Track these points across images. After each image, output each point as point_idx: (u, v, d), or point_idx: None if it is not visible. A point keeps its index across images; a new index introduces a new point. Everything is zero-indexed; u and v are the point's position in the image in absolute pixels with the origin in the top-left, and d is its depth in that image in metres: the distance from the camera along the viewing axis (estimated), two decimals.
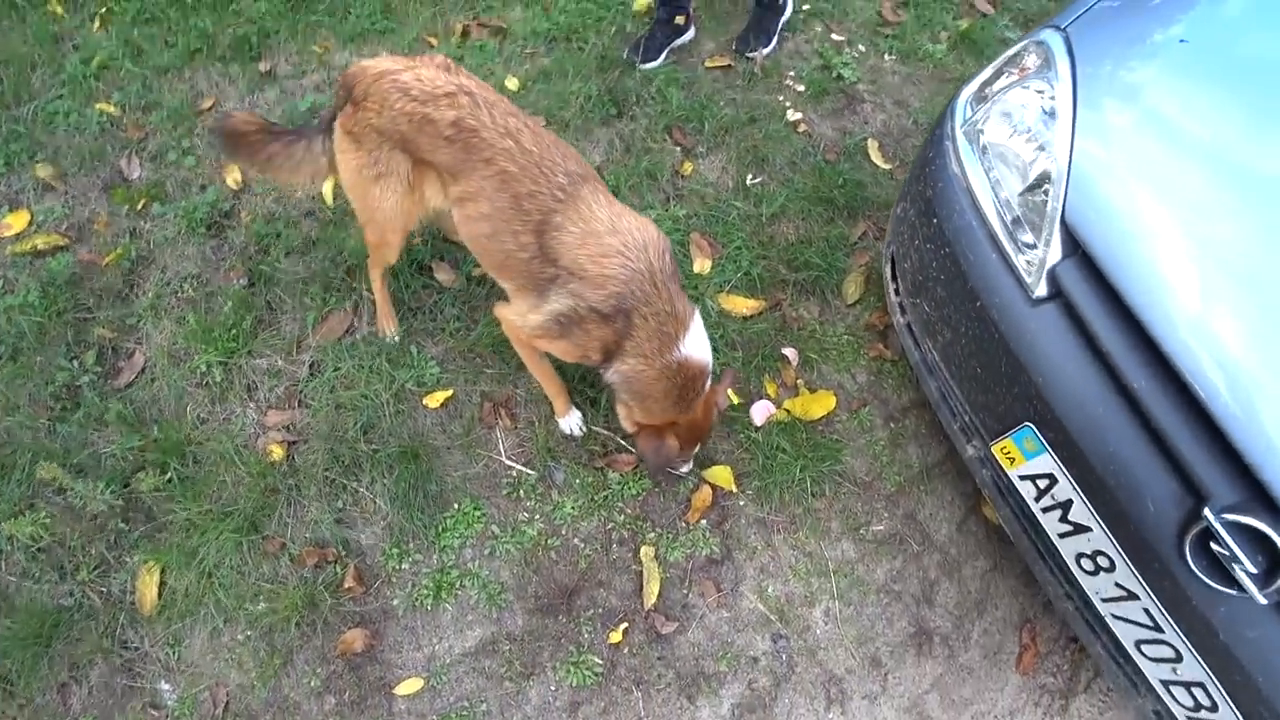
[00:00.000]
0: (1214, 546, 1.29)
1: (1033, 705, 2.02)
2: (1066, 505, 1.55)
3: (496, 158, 1.68)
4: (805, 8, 3.08)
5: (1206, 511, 1.28)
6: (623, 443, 2.21)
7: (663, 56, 2.82)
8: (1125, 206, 1.46)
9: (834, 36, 3.01)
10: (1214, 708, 1.43)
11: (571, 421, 2.19)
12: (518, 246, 1.73)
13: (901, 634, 2.07)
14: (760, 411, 2.25)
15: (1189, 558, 1.32)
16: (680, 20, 2.78)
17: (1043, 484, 1.59)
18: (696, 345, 1.79)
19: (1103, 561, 1.53)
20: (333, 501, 2.09)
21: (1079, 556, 1.58)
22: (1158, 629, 1.47)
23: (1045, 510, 1.62)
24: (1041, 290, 1.53)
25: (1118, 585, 1.51)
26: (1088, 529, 1.52)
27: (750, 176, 2.63)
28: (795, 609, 2.07)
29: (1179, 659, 1.46)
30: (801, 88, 2.85)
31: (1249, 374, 1.30)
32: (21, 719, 1.88)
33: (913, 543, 2.16)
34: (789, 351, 2.36)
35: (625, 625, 2.02)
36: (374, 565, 2.06)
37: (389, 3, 2.89)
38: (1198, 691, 1.45)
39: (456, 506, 2.12)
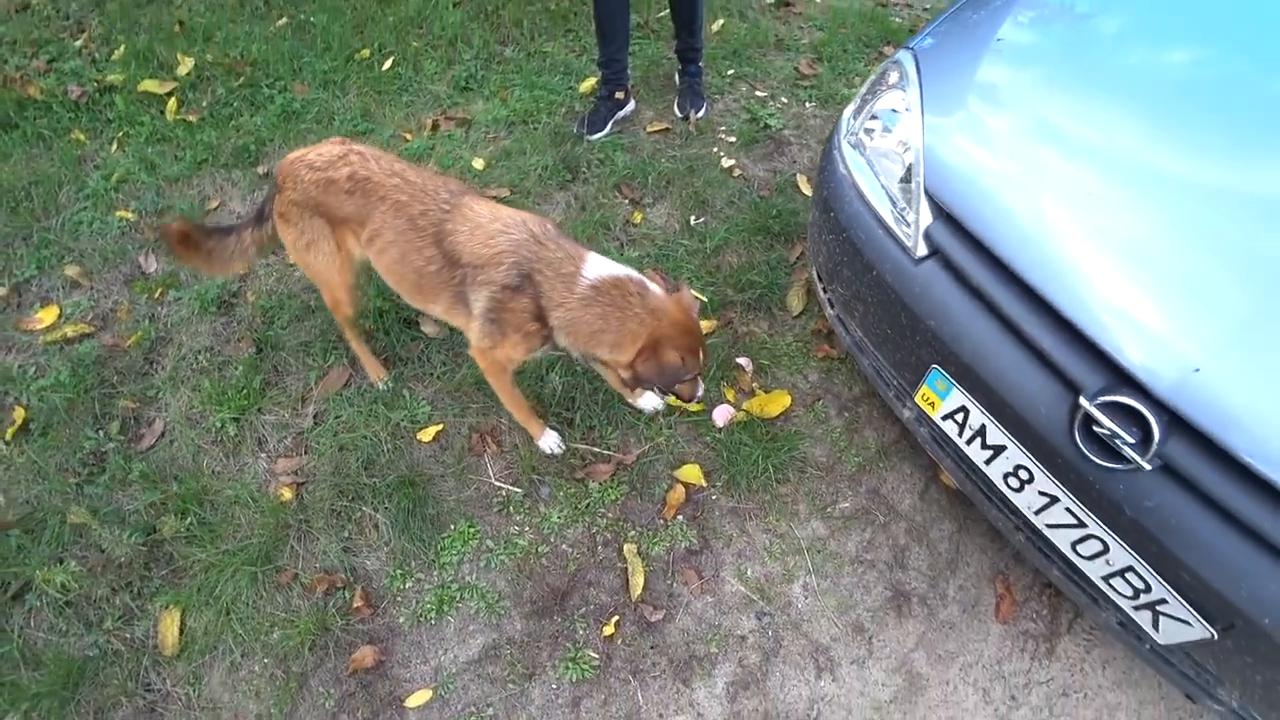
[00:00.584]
0: (1098, 430, 1.49)
1: (1018, 651, 2.12)
2: (982, 431, 1.75)
3: (389, 194, 1.99)
4: (730, 72, 3.53)
5: (1082, 400, 1.49)
6: (598, 453, 2.41)
7: (608, 127, 3.22)
8: (967, 170, 1.78)
9: (758, 93, 3.43)
10: (1148, 587, 1.57)
11: (549, 441, 2.38)
12: (424, 260, 1.98)
13: (880, 599, 2.19)
14: (721, 415, 2.46)
15: (1081, 445, 1.52)
16: (620, 95, 3.21)
17: (960, 418, 1.80)
18: (600, 265, 1.92)
19: (1023, 474, 1.70)
20: (339, 532, 2.26)
21: (1005, 477, 1.76)
22: (1082, 525, 1.63)
23: (969, 442, 1.81)
24: (921, 250, 1.81)
25: (1041, 494, 1.68)
26: (1003, 448, 1.71)
27: (694, 218, 2.96)
28: (775, 587, 2.20)
29: (1106, 549, 1.61)
30: (733, 139, 3.24)
31: (1088, 274, 1.55)
32: None
33: (879, 515, 2.31)
34: (743, 361, 2.59)
35: (616, 618, 2.14)
36: (380, 587, 2.20)
37: (367, 108, 3.32)
38: (1131, 576, 1.59)
39: (453, 527, 2.29)
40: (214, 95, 3.34)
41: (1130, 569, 1.58)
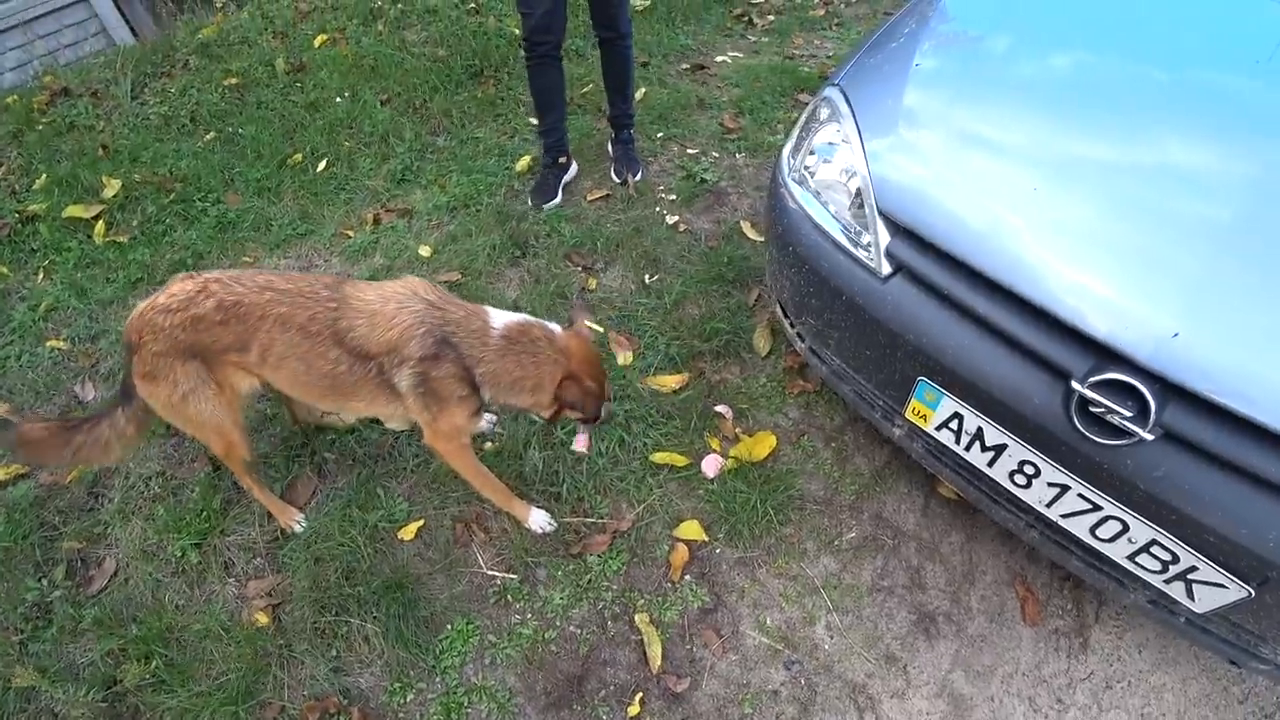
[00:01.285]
0: (1095, 411, 1.50)
1: (1053, 651, 2.07)
2: (979, 434, 1.75)
3: (266, 310, 1.87)
4: (660, 134, 3.65)
5: (1074, 383, 1.51)
6: (591, 524, 2.31)
7: (559, 194, 3.27)
8: (915, 186, 1.84)
9: (690, 151, 3.55)
10: (1175, 558, 1.56)
11: (538, 520, 2.27)
12: (332, 364, 1.89)
13: (906, 624, 2.12)
14: (711, 465, 2.41)
15: (1081, 429, 1.52)
16: (563, 160, 3.28)
17: (955, 425, 1.80)
18: (503, 317, 1.96)
19: (1029, 470, 1.70)
20: (326, 651, 2.08)
21: (1011, 475, 1.75)
22: (1097, 508, 1.62)
23: (967, 448, 1.80)
24: (886, 268, 1.85)
25: (1050, 485, 1.68)
26: (1004, 446, 1.71)
27: (648, 276, 2.98)
28: (798, 632, 2.11)
29: (1126, 528, 1.60)
30: (673, 197, 3.32)
31: (1050, 262, 1.60)
32: None
33: (887, 539, 2.27)
34: (722, 408, 2.56)
35: (640, 695, 2.00)
36: (379, 705, 2.01)
37: (305, 210, 3.28)
38: (1156, 550, 1.58)
39: (449, 626, 2.13)
40: (144, 214, 3.24)
41: (1154, 543, 1.58)
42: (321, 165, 3.48)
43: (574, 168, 3.37)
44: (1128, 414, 1.45)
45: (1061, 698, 2.00)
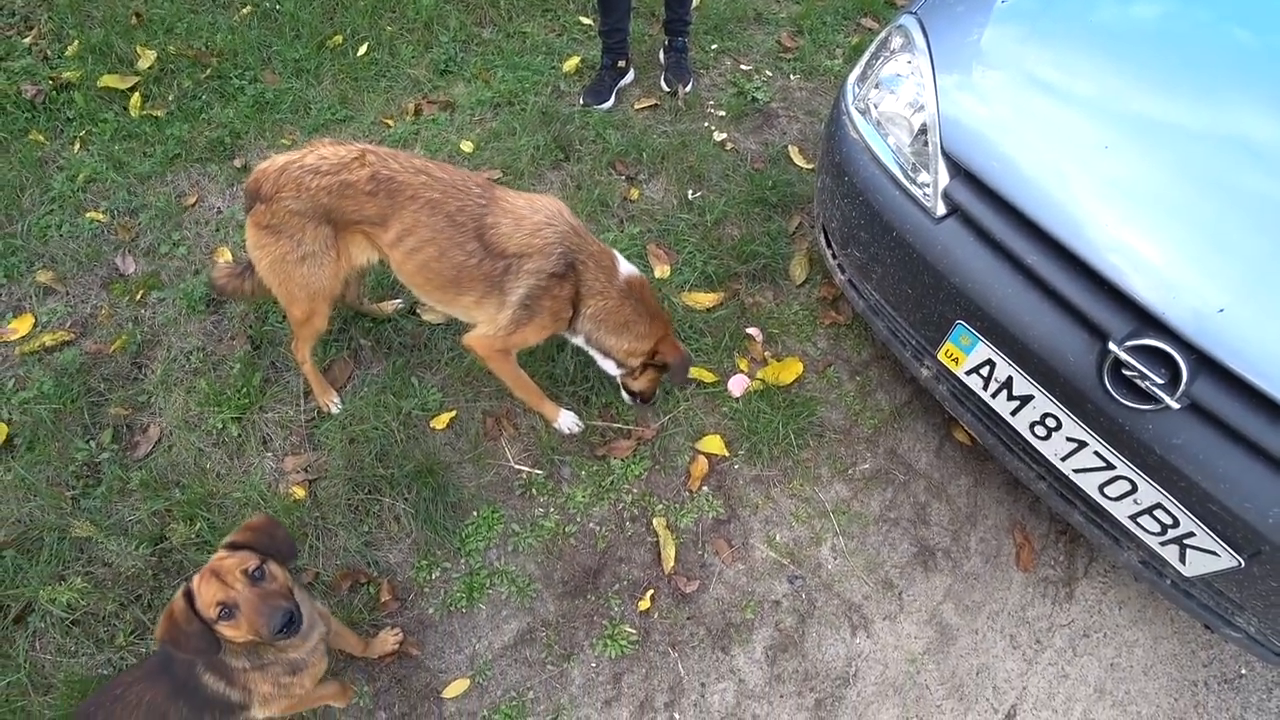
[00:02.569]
0: (1126, 373, 1.54)
1: (1040, 597, 2.19)
2: (1009, 383, 1.80)
3: (419, 192, 1.92)
4: (714, 47, 3.52)
5: (1112, 345, 1.54)
6: (618, 430, 2.40)
7: (613, 98, 3.20)
8: (983, 129, 1.81)
9: (743, 67, 3.43)
10: (1175, 523, 1.64)
11: (566, 421, 2.36)
12: (466, 255, 1.95)
13: (906, 555, 2.24)
14: (737, 385, 2.48)
15: (1110, 389, 1.57)
16: (622, 64, 3.20)
17: (985, 371, 1.84)
18: (629, 266, 2.10)
19: (1050, 422, 1.76)
20: (359, 526, 2.21)
21: (1032, 426, 1.81)
22: (1110, 466, 1.69)
23: (994, 395, 1.86)
24: (940, 209, 1.84)
25: (1069, 439, 1.74)
26: (1030, 397, 1.76)
27: (690, 192, 2.96)
28: (804, 550, 2.24)
29: (1135, 489, 1.67)
30: (723, 113, 3.24)
31: (1110, 223, 1.59)
32: None
33: (898, 474, 2.36)
34: (753, 331, 2.60)
35: (651, 592, 2.15)
36: (406, 579, 2.16)
37: (344, 95, 3.21)
38: (1159, 513, 1.66)
39: (475, 513, 2.25)
40: (180, 89, 3.17)
41: (1159, 505, 1.65)
42: (362, 49, 3.38)
43: (631, 74, 3.29)
44: (1160, 381, 1.49)
45: (1041, 639, 2.14)
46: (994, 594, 2.19)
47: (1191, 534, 1.63)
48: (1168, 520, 1.66)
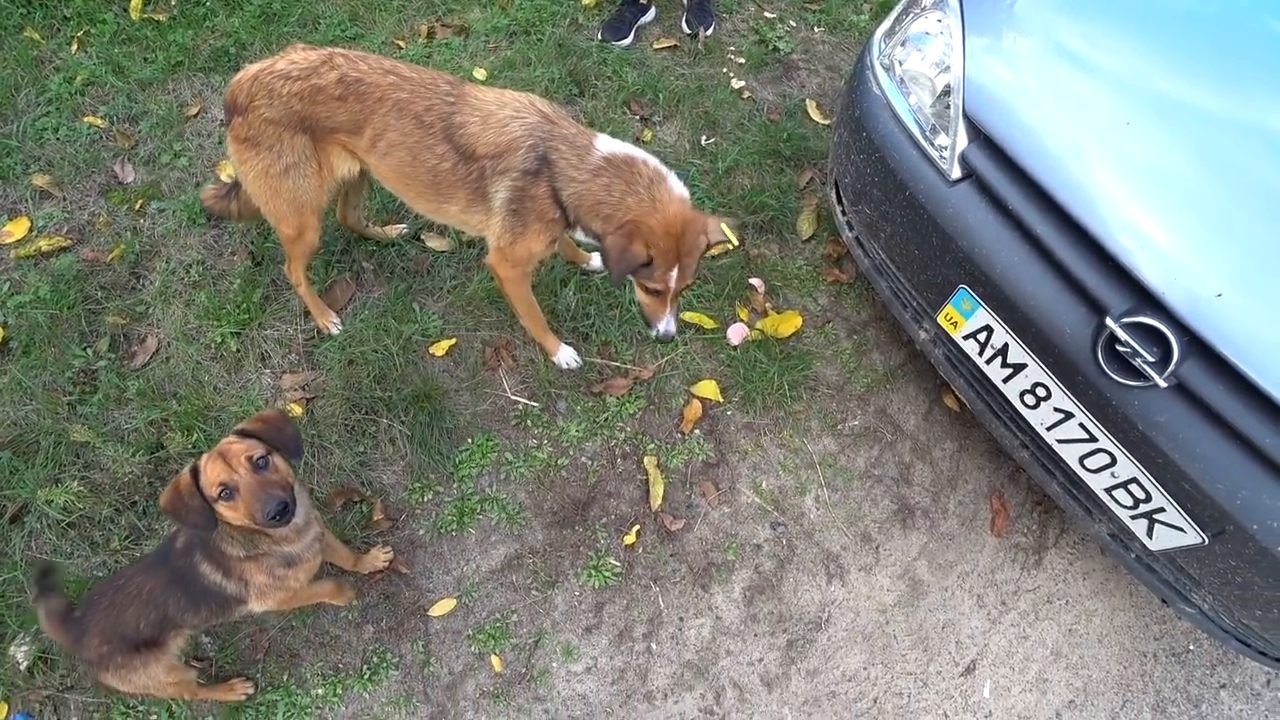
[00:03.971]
0: (1119, 349, 1.57)
1: (1009, 562, 2.28)
2: (1004, 350, 1.83)
3: (387, 93, 1.85)
4: None
5: (1108, 320, 1.57)
6: (615, 368, 2.43)
7: (632, 35, 3.13)
8: (1007, 95, 1.80)
9: (766, 15, 3.35)
10: (1148, 497, 1.70)
11: (565, 356, 2.38)
12: (438, 158, 1.88)
13: (886, 511, 2.31)
14: (736, 333, 2.50)
15: (1102, 363, 1.60)
16: (644, 0, 3.12)
17: (983, 337, 1.87)
18: (614, 144, 1.86)
19: (1040, 392, 1.80)
20: (354, 447, 2.25)
21: (1022, 394, 1.85)
22: (1092, 439, 1.74)
23: (989, 361, 1.89)
24: (956, 172, 1.84)
25: (1056, 410, 1.78)
26: (1024, 366, 1.80)
27: (704, 138, 2.92)
28: (788, 499, 2.30)
29: (1114, 462, 1.72)
30: (742, 60, 3.18)
31: (1120, 200, 1.61)
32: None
33: (886, 433, 2.42)
34: (756, 281, 2.62)
35: (637, 527, 2.21)
36: (399, 500, 2.21)
37: (355, 11, 3.11)
38: (1133, 488, 1.72)
39: (470, 440, 2.29)
40: None
41: (1134, 480, 1.71)
42: None
43: (653, 11, 3.20)
44: (1151, 359, 1.53)
45: (1006, 601, 2.23)
46: (966, 555, 2.27)
47: (1162, 509, 1.69)
48: (1141, 495, 1.72)
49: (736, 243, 2.47)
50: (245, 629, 2.04)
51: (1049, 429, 1.84)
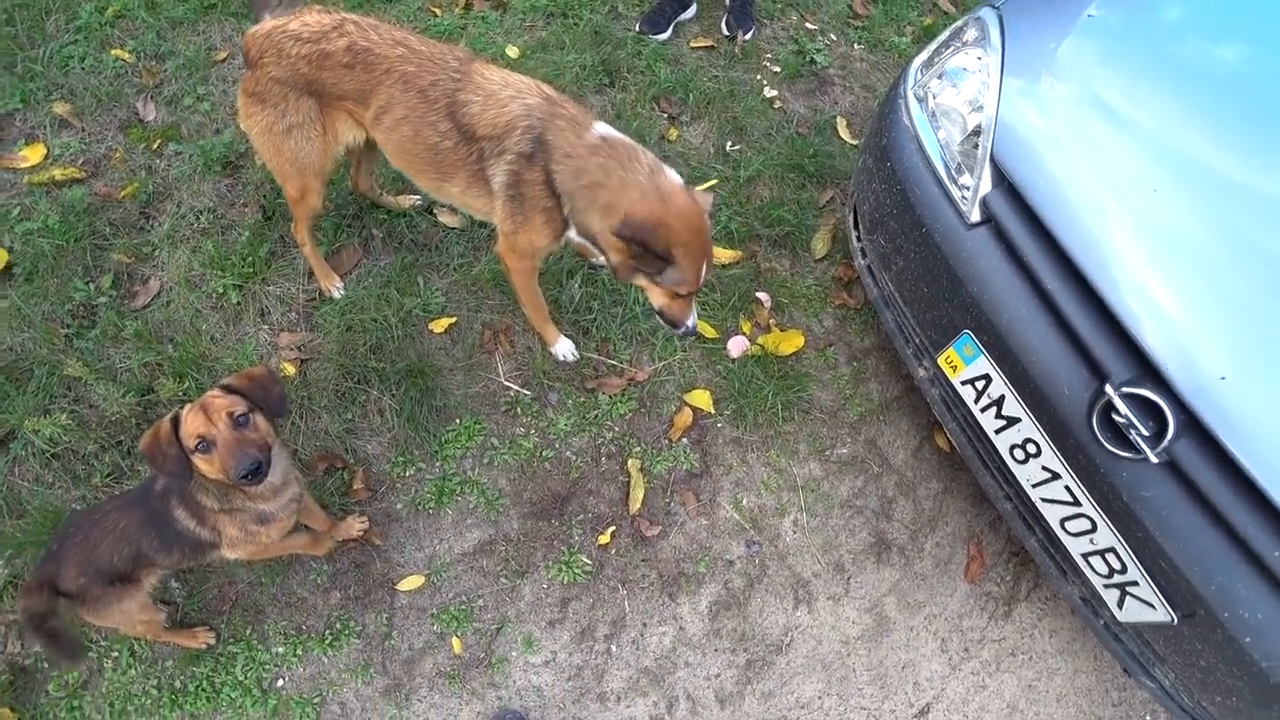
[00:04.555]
0: (1115, 418, 1.55)
1: (979, 610, 2.27)
2: (1000, 401, 1.81)
3: (395, 65, 1.82)
4: None
5: (1108, 387, 1.55)
6: (611, 366, 2.42)
7: (670, 30, 3.08)
8: (1037, 143, 1.77)
9: (808, 25, 3.30)
10: (1123, 569, 1.69)
11: (564, 349, 2.37)
12: (440, 136, 1.84)
13: (862, 544, 2.30)
14: (736, 345, 2.48)
15: (1096, 430, 1.59)
16: None
17: (980, 385, 1.85)
18: (612, 130, 1.80)
19: (1030, 448, 1.78)
20: (342, 413, 2.25)
21: (1012, 448, 1.83)
22: (1076, 503, 1.72)
23: (983, 410, 1.87)
24: (975, 216, 1.82)
25: (1044, 469, 1.77)
26: (1017, 420, 1.78)
27: (729, 144, 2.89)
28: (767, 519, 2.30)
29: (1094, 529, 1.71)
30: (778, 69, 3.13)
31: (1136, 266, 1.59)
32: None
33: (873, 465, 2.40)
34: (762, 295, 2.59)
35: (613, 529, 2.21)
36: (380, 472, 2.22)
37: None
38: (1110, 557, 1.71)
39: (458, 421, 2.29)
40: None
41: (1112, 549, 1.69)
42: None
43: (694, 9, 3.16)
44: (1145, 433, 1.51)
45: (970, 648, 2.22)
46: (936, 597, 2.27)
47: (1136, 583, 1.68)
48: (1116, 565, 1.71)
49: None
50: (214, 579, 2.06)
51: (1034, 486, 1.83)
